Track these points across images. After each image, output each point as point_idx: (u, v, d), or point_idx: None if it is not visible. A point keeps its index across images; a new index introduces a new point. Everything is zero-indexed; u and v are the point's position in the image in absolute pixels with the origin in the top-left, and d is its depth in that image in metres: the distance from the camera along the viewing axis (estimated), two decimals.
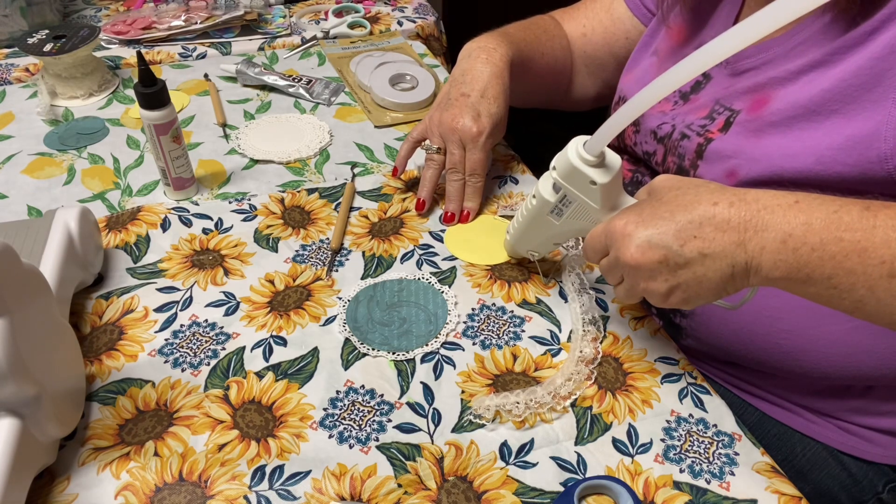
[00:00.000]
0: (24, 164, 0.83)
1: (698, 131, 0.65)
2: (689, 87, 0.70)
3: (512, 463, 0.52)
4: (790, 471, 0.67)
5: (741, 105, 0.62)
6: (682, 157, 0.66)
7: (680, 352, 0.61)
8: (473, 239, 0.72)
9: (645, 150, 0.73)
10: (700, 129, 0.65)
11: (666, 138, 0.69)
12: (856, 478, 0.68)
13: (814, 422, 0.69)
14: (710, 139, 0.64)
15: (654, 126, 0.71)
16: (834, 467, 0.68)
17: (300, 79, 0.98)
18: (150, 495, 0.49)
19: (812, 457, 0.69)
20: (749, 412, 0.71)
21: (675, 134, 0.68)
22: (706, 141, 0.64)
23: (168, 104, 0.70)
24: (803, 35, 0.59)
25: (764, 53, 0.62)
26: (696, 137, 0.65)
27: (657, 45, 0.76)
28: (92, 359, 0.59)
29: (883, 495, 0.69)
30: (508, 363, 0.59)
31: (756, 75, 0.62)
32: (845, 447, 0.68)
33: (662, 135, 0.70)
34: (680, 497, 0.50)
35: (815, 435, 0.69)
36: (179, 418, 0.54)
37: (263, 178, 0.81)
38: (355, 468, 0.51)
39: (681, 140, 0.66)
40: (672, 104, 0.71)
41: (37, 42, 0.92)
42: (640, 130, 0.74)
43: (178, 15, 1.12)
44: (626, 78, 0.80)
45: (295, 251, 0.70)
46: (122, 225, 0.73)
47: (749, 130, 0.60)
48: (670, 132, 0.68)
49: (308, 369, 0.58)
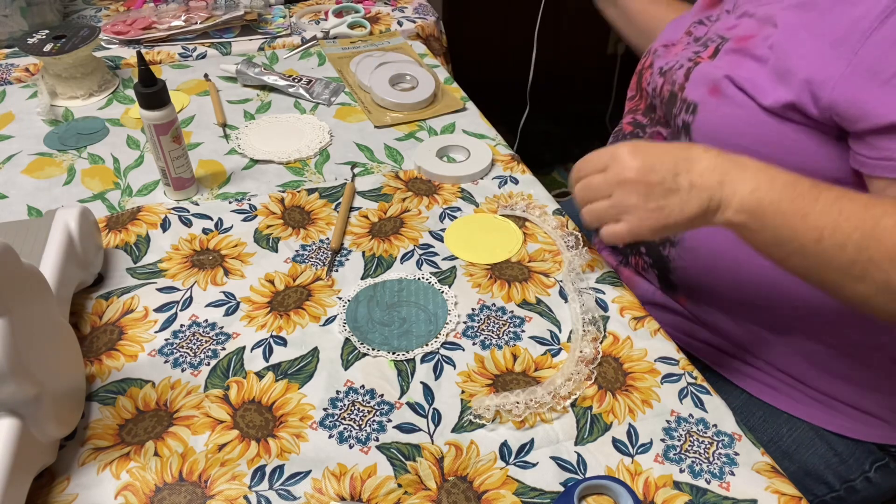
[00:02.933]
0: (24, 164, 0.83)
1: (691, 57, 0.70)
2: (704, 35, 0.74)
3: (512, 463, 0.52)
4: (777, 451, 0.68)
5: (731, 34, 0.66)
6: (673, 84, 0.70)
7: (680, 352, 0.61)
8: (474, 238, 0.72)
9: (653, 85, 0.76)
10: (693, 55, 0.70)
11: (667, 71, 0.72)
12: (842, 457, 0.69)
13: (800, 401, 0.70)
14: (697, 63, 0.68)
15: (663, 63, 0.75)
16: (820, 447, 0.69)
17: (300, 79, 0.98)
18: (150, 495, 0.49)
19: (798, 437, 0.69)
20: (735, 395, 0.72)
21: (675, 65, 0.71)
22: (694, 65, 0.68)
23: (168, 104, 0.70)
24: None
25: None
26: (687, 63, 0.69)
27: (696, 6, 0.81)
28: (92, 359, 0.59)
29: (870, 474, 0.69)
30: (508, 363, 0.59)
31: (755, 8, 0.66)
32: (832, 426, 0.69)
33: (666, 69, 0.73)
34: (680, 497, 0.50)
35: (802, 414, 0.70)
36: (179, 418, 0.54)
37: (263, 178, 0.81)
38: (355, 468, 0.51)
39: (677, 69, 0.70)
40: (684, 46, 0.75)
41: (37, 42, 0.92)
42: (651, 68, 0.78)
43: (178, 15, 1.12)
44: None
45: (295, 251, 0.70)
46: (122, 225, 0.73)
47: (732, 59, 0.64)
48: (673, 65, 0.72)
49: (308, 369, 0.58)
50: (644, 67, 0.81)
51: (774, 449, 0.69)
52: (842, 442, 0.69)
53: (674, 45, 0.78)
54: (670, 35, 0.81)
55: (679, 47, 0.76)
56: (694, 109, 0.66)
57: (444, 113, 0.93)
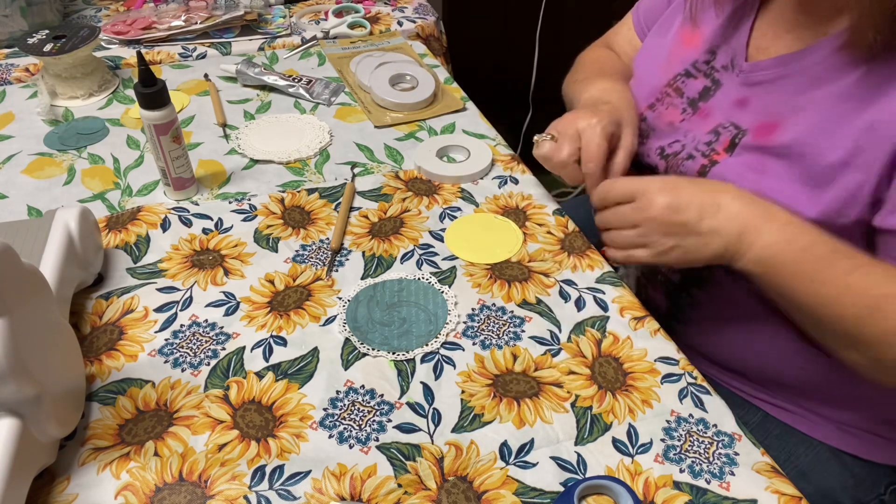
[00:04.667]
0: (24, 164, 0.83)
1: (704, 151, 0.66)
2: (697, 93, 0.69)
3: (512, 463, 0.52)
4: (792, 471, 0.67)
5: (749, 124, 0.63)
6: (682, 175, 0.67)
7: (680, 352, 0.61)
8: (474, 238, 0.72)
9: (647, 162, 0.73)
10: (706, 148, 0.66)
11: (672, 156, 0.69)
12: (858, 478, 0.68)
13: (815, 423, 0.69)
14: (714, 161, 0.64)
15: (664, 143, 0.71)
16: (836, 468, 0.68)
17: (300, 79, 0.98)
18: (150, 495, 0.49)
19: (814, 457, 0.69)
20: (751, 412, 0.71)
21: (682, 153, 0.68)
22: (710, 163, 0.64)
23: (168, 104, 0.70)
24: (818, 55, 0.58)
25: (780, 68, 0.61)
26: (700, 158, 0.66)
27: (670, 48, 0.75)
28: (92, 359, 0.59)
29: (885, 497, 0.68)
30: (508, 363, 0.59)
31: (770, 90, 0.62)
32: (848, 447, 0.68)
33: (669, 153, 0.70)
34: (680, 497, 0.50)
35: (818, 435, 0.69)
36: (179, 418, 0.54)
37: (263, 178, 0.81)
38: (355, 468, 0.51)
39: (686, 160, 0.67)
40: (681, 112, 0.70)
41: (37, 42, 0.92)
42: (645, 143, 0.74)
43: (178, 15, 1.12)
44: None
45: (295, 251, 0.70)
46: (122, 225, 0.73)
47: (754, 159, 0.61)
48: (679, 151, 0.69)
49: (308, 369, 0.58)
50: None
51: (791, 468, 0.68)
52: (857, 463, 0.68)
53: (659, 103, 0.73)
54: (649, 81, 0.75)
55: (673, 113, 0.71)
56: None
57: (444, 113, 0.93)
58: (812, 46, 0.59)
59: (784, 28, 0.63)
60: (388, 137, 0.89)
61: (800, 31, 0.61)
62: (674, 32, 0.75)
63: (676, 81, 0.72)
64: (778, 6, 0.64)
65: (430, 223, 0.74)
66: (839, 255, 0.53)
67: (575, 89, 0.81)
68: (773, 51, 0.63)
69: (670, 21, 0.76)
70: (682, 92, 0.71)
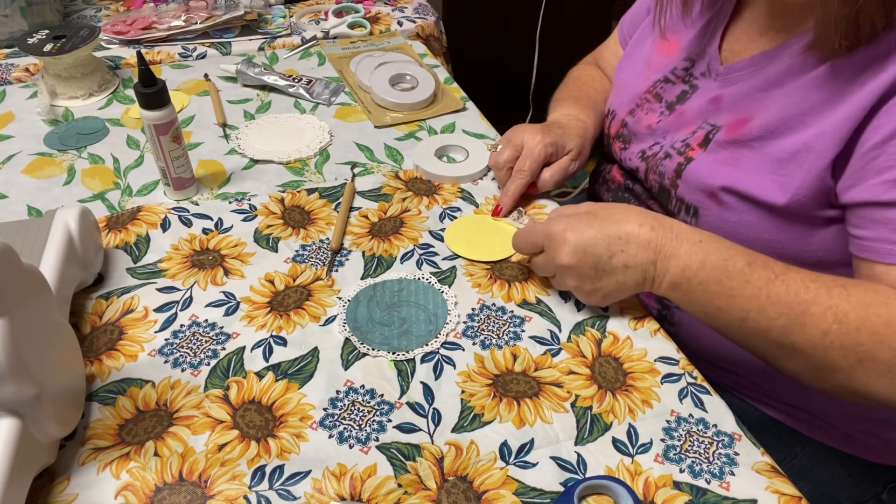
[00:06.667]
0: (24, 164, 0.83)
1: (680, 149, 0.67)
2: (674, 97, 0.71)
3: (512, 463, 0.52)
4: (790, 470, 0.67)
5: (723, 121, 0.64)
6: (661, 176, 0.68)
7: (680, 352, 0.61)
8: (473, 238, 0.72)
9: (630, 166, 0.75)
10: (682, 145, 0.67)
11: (651, 157, 0.71)
12: (856, 478, 0.68)
13: (814, 424, 0.69)
14: (689, 158, 0.65)
15: (645, 146, 0.73)
16: (834, 467, 0.68)
17: (300, 79, 0.98)
18: (150, 495, 0.49)
19: (812, 456, 0.69)
20: (749, 412, 0.71)
21: (660, 153, 0.69)
22: (686, 160, 0.65)
23: (168, 104, 0.70)
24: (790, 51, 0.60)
25: (754, 67, 0.63)
26: (676, 157, 0.67)
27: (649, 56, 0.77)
28: (92, 359, 0.59)
29: (882, 496, 0.69)
30: (508, 363, 0.59)
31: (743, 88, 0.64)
32: (846, 447, 0.68)
33: (649, 154, 0.71)
34: (680, 497, 0.50)
35: (816, 435, 0.69)
36: (179, 418, 0.54)
37: (263, 178, 0.81)
38: (355, 468, 0.51)
39: (663, 159, 0.68)
40: (658, 115, 0.72)
41: (37, 42, 0.92)
42: (627, 147, 0.75)
43: (178, 15, 1.12)
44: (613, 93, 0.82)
45: (295, 251, 0.70)
46: (122, 225, 0.73)
47: (727, 153, 0.62)
48: (657, 152, 0.70)
49: (308, 369, 0.58)
50: (612, 137, 0.78)
51: (789, 468, 0.67)
52: (855, 463, 0.68)
53: (639, 109, 0.75)
54: (629, 89, 0.78)
55: (651, 117, 0.73)
56: (695, 213, 0.65)
57: (443, 113, 0.93)
58: (783, 44, 0.61)
59: (757, 32, 0.65)
60: (388, 137, 0.89)
61: (772, 34, 0.63)
62: (652, 41, 0.77)
63: (656, 87, 0.74)
64: (750, 13, 0.66)
65: (430, 223, 0.74)
66: (755, 266, 0.53)
67: (551, 107, 0.87)
68: (746, 53, 0.65)
69: (649, 29, 0.79)
70: (661, 97, 0.73)
